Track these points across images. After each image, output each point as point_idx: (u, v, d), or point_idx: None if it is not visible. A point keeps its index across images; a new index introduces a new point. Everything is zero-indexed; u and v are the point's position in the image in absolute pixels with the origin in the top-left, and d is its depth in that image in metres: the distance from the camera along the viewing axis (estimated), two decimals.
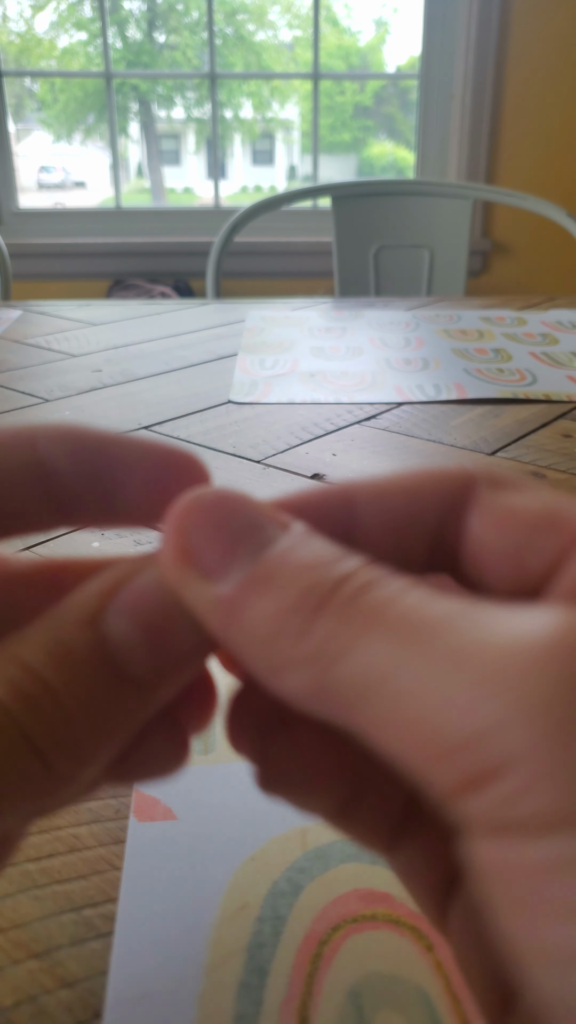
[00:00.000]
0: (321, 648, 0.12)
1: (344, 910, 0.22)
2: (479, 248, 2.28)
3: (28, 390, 0.72)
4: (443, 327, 0.92)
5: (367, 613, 0.12)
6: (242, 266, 2.21)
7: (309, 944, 0.21)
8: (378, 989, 0.20)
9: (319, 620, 0.12)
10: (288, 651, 0.12)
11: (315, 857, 0.23)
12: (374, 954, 0.21)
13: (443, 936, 0.16)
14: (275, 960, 0.20)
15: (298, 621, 0.12)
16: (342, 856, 0.24)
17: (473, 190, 1.42)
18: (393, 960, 0.20)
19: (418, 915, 0.22)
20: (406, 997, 0.20)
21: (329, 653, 0.12)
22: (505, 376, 0.73)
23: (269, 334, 0.90)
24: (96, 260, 2.31)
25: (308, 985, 0.20)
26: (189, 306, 1.08)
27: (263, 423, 0.62)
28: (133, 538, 0.44)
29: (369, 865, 0.23)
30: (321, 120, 2.41)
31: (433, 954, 0.21)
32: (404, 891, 0.22)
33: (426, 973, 0.20)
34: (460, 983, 0.20)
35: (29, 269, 2.23)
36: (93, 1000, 0.20)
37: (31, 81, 2.95)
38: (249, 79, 2.90)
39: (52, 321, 0.99)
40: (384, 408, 0.66)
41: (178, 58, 2.84)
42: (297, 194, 1.43)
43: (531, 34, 2.13)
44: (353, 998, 0.20)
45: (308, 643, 0.12)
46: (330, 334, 0.90)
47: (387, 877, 0.23)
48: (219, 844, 0.24)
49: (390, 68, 3.00)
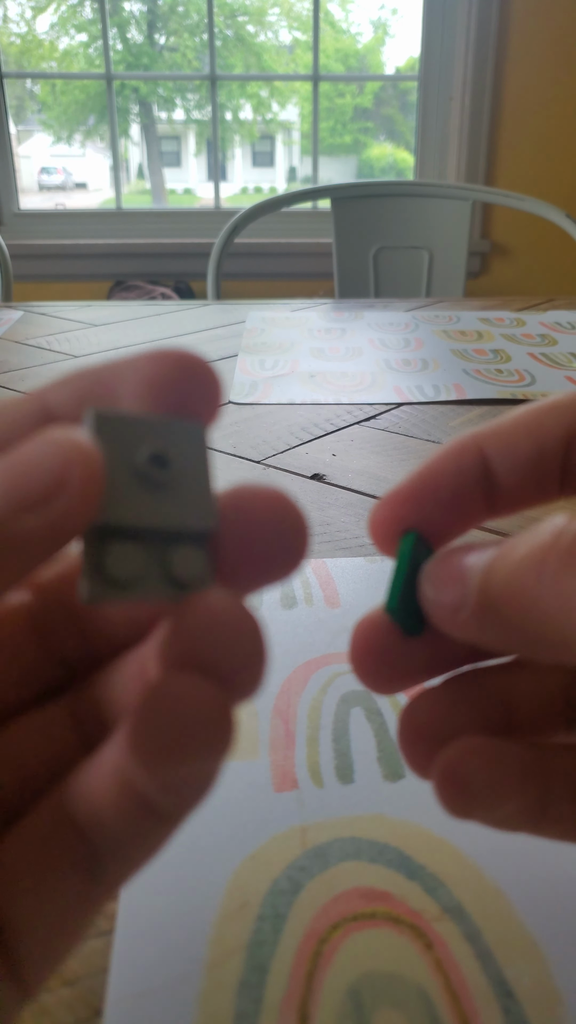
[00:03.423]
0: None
1: (344, 908, 0.22)
2: (478, 249, 2.28)
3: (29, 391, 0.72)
4: (442, 328, 0.92)
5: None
6: (242, 267, 2.21)
7: (309, 942, 0.21)
8: (378, 987, 0.20)
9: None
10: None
11: (315, 855, 0.24)
12: (374, 952, 0.21)
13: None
14: (275, 958, 0.20)
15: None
16: (342, 854, 0.24)
17: (472, 191, 1.42)
18: (393, 958, 0.20)
19: (417, 913, 0.22)
20: (406, 995, 0.20)
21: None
22: (504, 377, 0.73)
23: (269, 335, 0.90)
24: (97, 261, 2.31)
25: (308, 983, 0.20)
26: (190, 307, 1.08)
27: (263, 423, 0.63)
28: None
29: (369, 863, 0.23)
30: (321, 122, 2.41)
31: (432, 952, 0.21)
32: (403, 889, 0.22)
33: (425, 971, 0.20)
34: (459, 981, 0.20)
35: (30, 270, 2.23)
36: (94, 998, 0.20)
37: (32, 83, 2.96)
38: (249, 81, 2.90)
39: (53, 322, 0.99)
40: (383, 408, 0.66)
41: (178, 60, 2.85)
42: (297, 195, 1.43)
43: (530, 35, 2.14)
44: (353, 996, 0.20)
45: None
46: (330, 335, 0.90)
47: (387, 875, 0.23)
48: (219, 842, 0.24)
49: (389, 70, 3.00)
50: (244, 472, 0.53)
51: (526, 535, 0.14)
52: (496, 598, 0.14)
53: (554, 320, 0.95)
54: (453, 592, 0.15)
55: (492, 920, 0.21)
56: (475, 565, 0.15)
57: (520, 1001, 0.19)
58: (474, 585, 0.15)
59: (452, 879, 0.23)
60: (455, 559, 0.16)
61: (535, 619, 0.14)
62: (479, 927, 0.21)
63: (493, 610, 0.14)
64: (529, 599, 0.14)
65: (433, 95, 2.28)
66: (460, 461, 0.17)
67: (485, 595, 0.15)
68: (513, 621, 0.14)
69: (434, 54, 2.24)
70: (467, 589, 0.15)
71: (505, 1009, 0.19)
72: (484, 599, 0.15)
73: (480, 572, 0.15)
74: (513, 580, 0.14)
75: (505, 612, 0.14)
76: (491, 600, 0.14)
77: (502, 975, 0.20)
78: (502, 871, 0.23)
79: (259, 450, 0.57)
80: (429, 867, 0.23)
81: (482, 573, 0.15)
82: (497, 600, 0.14)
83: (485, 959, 0.20)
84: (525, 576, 0.14)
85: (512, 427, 0.17)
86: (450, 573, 0.16)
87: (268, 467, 0.54)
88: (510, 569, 0.14)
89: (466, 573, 0.15)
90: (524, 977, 0.20)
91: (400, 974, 0.20)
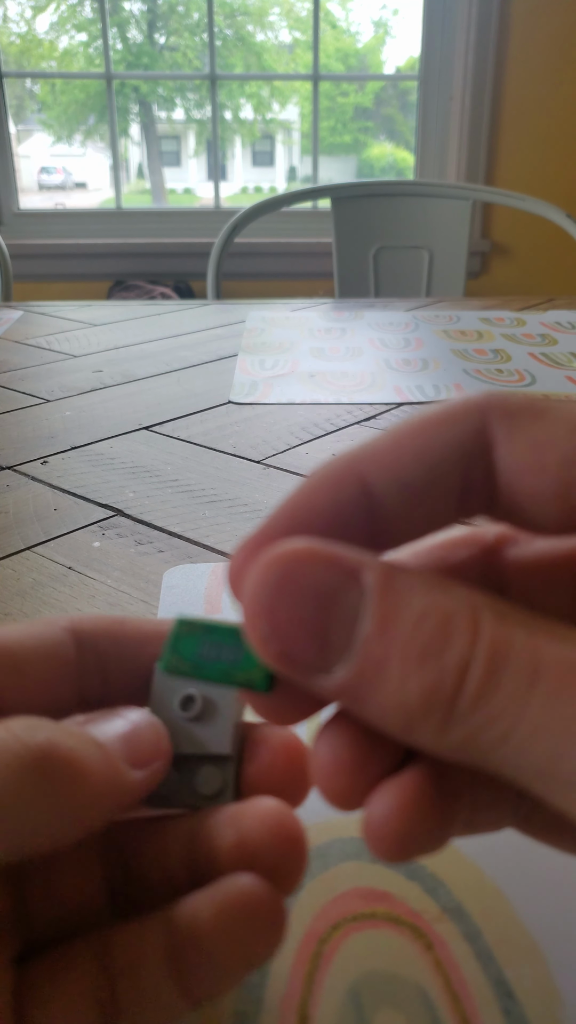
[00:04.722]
0: (471, 711, 0.12)
1: (344, 908, 0.22)
2: (478, 249, 2.28)
3: (29, 391, 0.72)
4: (442, 328, 0.92)
5: (502, 671, 0.12)
6: (242, 267, 2.21)
7: (309, 942, 0.21)
8: (378, 987, 0.20)
9: (463, 691, 0.12)
10: (432, 721, 0.12)
11: (315, 856, 0.24)
12: (374, 952, 0.21)
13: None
14: (275, 958, 0.20)
15: (440, 695, 0.12)
16: (342, 855, 0.24)
17: (472, 191, 1.42)
18: (393, 958, 0.20)
19: (417, 914, 0.22)
20: (405, 995, 0.20)
21: (483, 717, 0.12)
22: (504, 377, 0.73)
23: (269, 335, 0.90)
24: (97, 261, 2.31)
25: (308, 983, 0.20)
26: (190, 307, 1.08)
27: (263, 423, 0.63)
28: (134, 538, 0.44)
29: (369, 863, 0.23)
30: (321, 121, 2.41)
31: (432, 952, 0.21)
32: (403, 889, 0.22)
33: (425, 971, 0.20)
34: (459, 981, 0.20)
35: (30, 270, 2.23)
36: None
37: (32, 82, 2.96)
38: (249, 80, 2.90)
39: (53, 322, 0.99)
40: (384, 408, 0.66)
41: (178, 59, 2.85)
42: (297, 195, 1.43)
43: (530, 35, 2.14)
44: (353, 996, 0.20)
45: (460, 711, 0.12)
46: (330, 335, 0.90)
47: (387, 875, 0.23)
48: None
49: (389, 69, 3.00)
50: (244, 472, 0.53)
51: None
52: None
53: (554, 320, 0.95)
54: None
55: (492, 920, 0.21)
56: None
57: (520, 1001, 0.19)
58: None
59: (452, 879, 0.23)
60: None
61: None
62: (479, 927, 0.21)
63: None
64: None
65: (433, 95, 2.28)
66: (336, 493, 0.15)
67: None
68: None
69: (434, 54, 2.24)
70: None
71: (505, 1009, 0.19)
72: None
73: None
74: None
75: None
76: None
77: (502, 975, 0.20)
78: (502, 871, 0.23)
79: (259, 450, 0.57)
80: (429, 867, 0.23)
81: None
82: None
83: (485, 959, 0.20)
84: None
85: (395, 447, 0.15)
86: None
87: (268, 467, 0.54)
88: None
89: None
90: (524, 977, 0.20)
91: (400, 974, 0.20)
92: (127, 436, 0.60)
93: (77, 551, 0.43)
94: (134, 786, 0.16)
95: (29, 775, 0.14)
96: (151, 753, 0.17)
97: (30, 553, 0.42)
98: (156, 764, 0.17)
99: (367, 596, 0.13)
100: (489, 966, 0.20)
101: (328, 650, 0.13)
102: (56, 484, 0.52)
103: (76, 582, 0.40)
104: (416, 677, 0.12)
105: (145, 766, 0.17)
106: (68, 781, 0.15)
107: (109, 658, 0.19)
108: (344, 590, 0.13)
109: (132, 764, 0.16)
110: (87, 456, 0.56)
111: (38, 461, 0.56)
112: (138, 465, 0.55)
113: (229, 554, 0.42)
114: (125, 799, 0.16)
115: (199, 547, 0.43)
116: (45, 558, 0.42)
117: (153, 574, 0.40)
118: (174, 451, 0.57)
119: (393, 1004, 0.19)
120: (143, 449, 0.58)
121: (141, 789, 0.17)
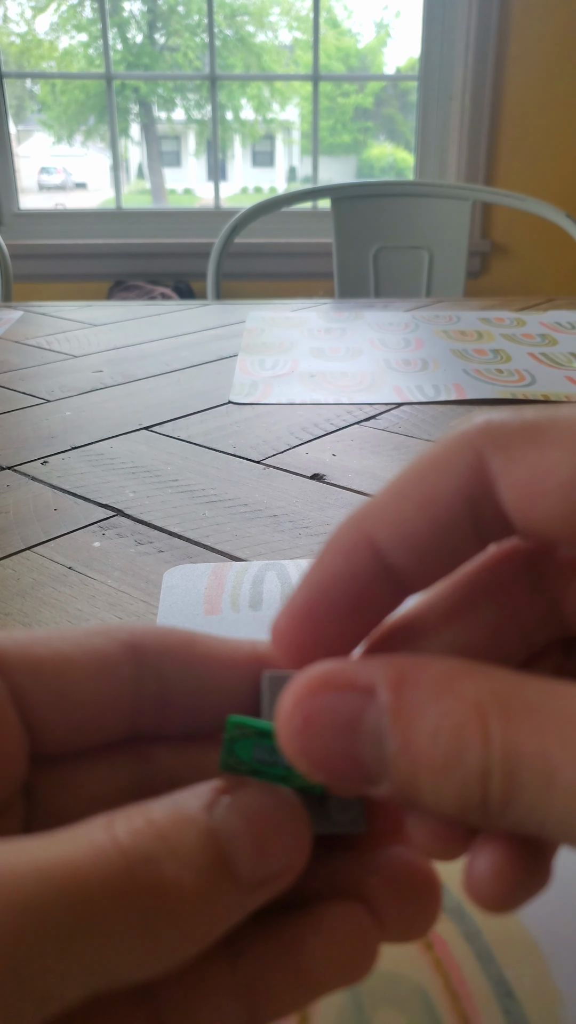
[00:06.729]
0: (503, 812, 0.13)
1: None
2: (478, 249, 2.28)
3: (29, 391, 0.72)
4: (442, 328, 0.92)
5: (519, 773, 0.12)
6: (242, 267, 2.21)
7: None
8: (378, 987, 0.20)
9: (490, 797, 0.12)
10: (475, 818, 0.13)
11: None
12: None
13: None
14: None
15: (471, 801, 0.13)
16: None
17: (472, 191, 1.42)
18: (393, 958, 0.20)
19: None
20: (406, 995, 0.20)
21: (516, 816, 0.12)
22: (504, 377, 0.73)
23: (269, 335, 0.90)
24: (97, 261, 2.31)
25: None
26: (189, 307, 1.08)
27: (263, 423, 0.63)
28: (134, 538, 0.44)
29: None
30: (321, 122, 2.41)
31: (432, 952, 0.21)
32: None
33: (425, 971, 0.20)
34: (459, 981, 0.20)
35: (30, 270, 2.23)
36: None
37: (32, 83, 2.96)
38: (249, 81, 2.90)
39: (53, 322, 1.00)
40: (383, 408, 0.66)
41: (179, 60, 2.85)
42: (297, 195, 1.43)
43: (530, 36, 2.14)
44: (353, 996, 0.20)
45: (493, 811, 0.13)
46: (330, 335, 0.90)
47: None
48: None
49: (390, 70, 3.00)
50: (244, 472, 0.53)
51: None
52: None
53: (554, 320, 0.95)
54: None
55: (492, 920, 0.21)
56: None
57: (520, 1001, 0.19)
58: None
59: (452, 879, 0.23)
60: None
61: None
62: (479, 927, 0.21)
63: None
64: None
65: (433, 95, 2.28)
66: (350, 564, 0.15)
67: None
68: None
69: (434, 54, 2.24)
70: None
71: (505, 1009, 0.19)
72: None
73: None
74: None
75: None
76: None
77: (502, 975, 0.20)
78: None
79: (259, 450, 0.57)
80: None
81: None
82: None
83: (485, 959, 0.20)
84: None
85: (399, 504, 0.15)
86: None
87: (268, 467, 0.54)
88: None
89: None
90: (524, 977, 0.20)
91: (400, 974, 0.20)
92: (127, 436, 0.60)
93: (77, 551, 0.43)
94: (250, 904, 0.14)
95: (117, 907, 0.12)
96: (288, 847, 0.14)
97: (30, 553, 0.42)
98: (292, 870, 0.14)
99: (384, 715, 0.13)
100: (489, 966, 0.20)
101: (366, 770, 0.14)
102: (56, 484, 0.52)
103: (76, 582, 0.40)
104: (447, 786, 0.13)
105: (276, 862, 0.14)
106: (158, 916, 0.12)
107: (172, 684, 0.16)
108: (365, 712, 0.13)
109: (258, 859, 0.14)
110: (87, 456, 0.56)
111: (38, 461, 0.56)
112: (138, 465, 0.55)
113: (229, 554, 0.42)
114: (234, 918, 0.14)
115: (199, 547, 0.43)
116: (45, 558, 0.42)
117: (153, 574, 0.40)
118: (174, 451, 0.57)
119: (393, 1003, 0.19)
120: (143, 449, 0.58)
121: (273, 887, 0.14)
